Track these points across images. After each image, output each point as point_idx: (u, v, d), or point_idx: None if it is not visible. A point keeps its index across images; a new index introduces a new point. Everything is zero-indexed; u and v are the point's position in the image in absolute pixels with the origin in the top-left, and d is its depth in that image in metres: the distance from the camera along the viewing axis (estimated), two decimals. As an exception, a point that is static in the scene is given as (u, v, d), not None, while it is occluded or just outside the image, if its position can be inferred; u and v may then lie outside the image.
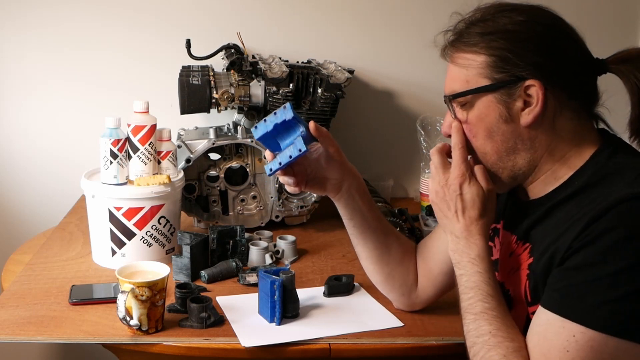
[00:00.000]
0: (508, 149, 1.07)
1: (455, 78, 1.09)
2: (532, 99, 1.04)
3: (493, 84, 1.05)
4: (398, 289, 1.37)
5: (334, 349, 1.29)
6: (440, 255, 1.34)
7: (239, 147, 1.86)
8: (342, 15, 2.14)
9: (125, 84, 2.10)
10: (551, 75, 1.03)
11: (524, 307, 1.07)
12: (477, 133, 1.08)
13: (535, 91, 1.03)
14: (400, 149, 2.22)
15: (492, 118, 1.06)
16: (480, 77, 1.06)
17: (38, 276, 1.53)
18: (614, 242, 0.92)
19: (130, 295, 1.26)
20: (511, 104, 1.05)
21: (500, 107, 1.05)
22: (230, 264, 1.56)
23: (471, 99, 1.07)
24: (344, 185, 1.29)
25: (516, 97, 1.04)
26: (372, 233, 1.34)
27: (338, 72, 1.85)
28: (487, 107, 1.06)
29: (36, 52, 2.08)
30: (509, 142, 1.07)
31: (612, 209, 0.94)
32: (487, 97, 1.06)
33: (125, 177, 1.58)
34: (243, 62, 1.83)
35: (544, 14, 1.09)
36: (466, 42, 1.07)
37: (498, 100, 1.05)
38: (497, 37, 1.04)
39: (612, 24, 2.19)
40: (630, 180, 0.98)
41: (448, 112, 1.13)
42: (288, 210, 1.87)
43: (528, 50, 1.03)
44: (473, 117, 1.08)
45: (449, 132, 1.12)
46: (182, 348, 1.28)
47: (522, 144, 1.07)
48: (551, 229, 1.04)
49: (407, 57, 2.15)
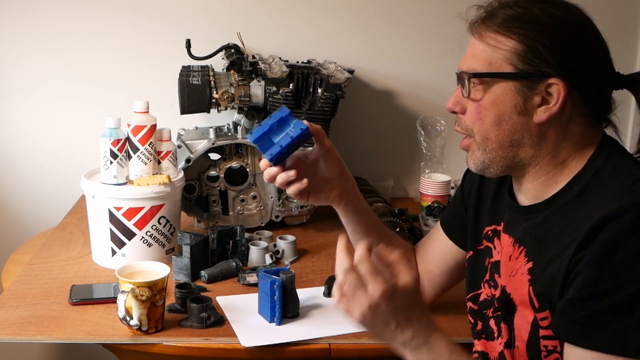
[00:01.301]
0: (513, 140, 1.05)
1: (479, 56, 1.05)
2: (552, 97, 1.02)
3: (517, 72, 1.02)
4: None
5: (334, 349, 1.29)
6: (439, 255, 1.34)
7: (239, 147, 1.86)
8: (342, 15, 2.14)
9: (125, 84, 2.11)
10: (575, 77, 1.02)
11: (530, 312, 1.06)
12: (486, 116, 1.06)
13: (557, 90, 1.01)
14: (400, 149, 2.23)
15: (506, 106, 1.04)
16: (506, 62, 1.03)
17: (38, 276, 1.53)
18: (623, 261, 0.91)
19: (130, 295, 1.26)
20: (530, 97, 1.03)
21: (518, 97, 1.03)
22: (230, 264, 1.56)
23: (490, 81, 1.04)
24: (347, 185, 1.28)
25: (537, 91, 1.02)
26: (377, 237, 1.32)
27: (338, 72, 1.85)
28: (504, 94, 1.04)
29: (36, 52, 2.08)
30: (516, 134, 1.05)
31: (615, 218, 0.92)
32: (507, 84, 1.03)
33: (125, 177, 1.58)
34: (243, 62, 1.83)
35: (580, 13, 1.06)
36: (501, 23, 1.03)
37: (517, 90, 1.03)
38: (533, 27, 1.01)
39: (612, 24, 2.19)
40: (628, 185, 0.97)
41: (458, 88, 1.09)
42: (288, 210, 1.87)
43: (559, 48, 1.01)
44: (487, 100, 1.05)
45: (456, 109, 1.10)
46: (182, 348, 1.28)
47: (530, 139, 1.05)
48: (552, 234, 1.03)
49: (407, 57, 2.15)
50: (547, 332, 1.03)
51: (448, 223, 1.34)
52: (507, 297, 1.12)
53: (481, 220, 1.23)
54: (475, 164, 1.11)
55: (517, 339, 1.10)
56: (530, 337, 1.06)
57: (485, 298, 1.21)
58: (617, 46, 1.13)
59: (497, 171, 1.10)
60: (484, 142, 1.07)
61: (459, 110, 1.10)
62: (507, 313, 1.13)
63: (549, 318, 1.02)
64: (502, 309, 1.15)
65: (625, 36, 2.20)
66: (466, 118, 1.09)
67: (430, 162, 2.06)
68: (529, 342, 1.06)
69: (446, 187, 1.98)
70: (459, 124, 1.11)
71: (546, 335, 1.03)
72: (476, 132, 1.08)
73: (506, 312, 1.13)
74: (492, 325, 1.18)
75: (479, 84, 1.05)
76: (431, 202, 1.96)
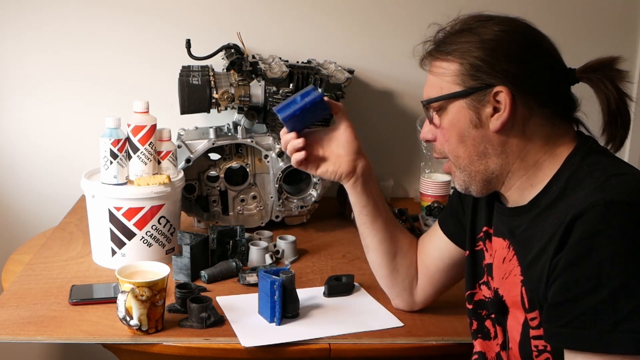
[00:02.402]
0: (479, 153, 1.09)
1: (432, 85, 1.12)
2: (501, 105, 1.05)
3: (463, 90, 1.07)
4: (401, 283, 1.37)
5: (334, 349, 1.29)
6: (437, 253, 1.34)
7: (239, 147, 1.86)
8: (342, 15, 2.14)
9: (125, 84, 2.11)
10: (521, 82, 1.05)
11: (521, 312, 1.07)
12: (450, 137, 1.11)
13: (504, 97, 1.05)
14: (400, 149, 2.23)
15: (463, 123, 1.09)
16: (453, 84, 1.08)
17: (38, 276, 1.53)
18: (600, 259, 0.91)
19: (130, 295, 1.26)
20: (481, 109, 1.07)
21: (470, 112, 1.07)
22: (230, 264, 1.56)
23: (444, 104, 1.10)
24: (359, 165, 1.30)
25: (485, 103, 1.06)
26: (383, 222, 1.34)
27: (338, 72, 1.85)
28: (459, 113, 1.09)
29: (36, 52, 2.08)
30: (480, 146, 1.09)
31: (583, 216, 0.93)
32: (459, 103, 1.08)
33: (125, 177, 1.58)
34: (243, 62, 1.83)
35: (519, 24, 1.10)
36: (442, 51, 1.10)
37: (469, 106, 1.07)
38: (471, 47, 1.06)
39: (612, 24, 2.19)
40: (601, 181, 0.97)
41: (426, 120, 1.16)
42: (288, 210, 1.87)
43: (499, 59, 1.05)
44: (446, 122, 1.10)
45: (428, 137, 1.16)
46: (182, 348, 1.28)
47: (493, 148, 1.08)
48: (535, 237, 1.03)
49: (407, 57, 2.14)
50: (537, 332, 1.03)
51: (446, 222, 1.34)
52: (499, 299, 1.13)
53: (478, 220, 1.24)
54: (459, 184, 1.15)
55: (511, 341, 1.11)
56: (521, 337, 1.07)
57: (480, 299, 1.22)
58: (617, 46, 1.13)
59: (477, 188, 1.13)
60: (457, 161, 1.13)
61: (431, 138, 1.15)
62: (500, 315, 1.13)
63: (537, 318, 1.03)
64: (495, 312, 1.15)
65: (625, 36, 2.20)
66: (437, 143, 1.15)
67: (430, 162, 2.06)
68: (521, 343, 1.07)
69: (446, 187, 1.98)
70: (434, 150, 1.17)
71: (536, 335, 1.04)
72: (448, 153, 1.13)
73: (499, 315, 1.14)
74: (488, 326, 1.19)
75: (437, 109, 1.12)
76: (431, 202, 1.96)
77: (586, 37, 2.17)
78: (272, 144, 1.82)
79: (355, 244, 1.78)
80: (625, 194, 0.94)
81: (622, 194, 0.94)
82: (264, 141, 1.83)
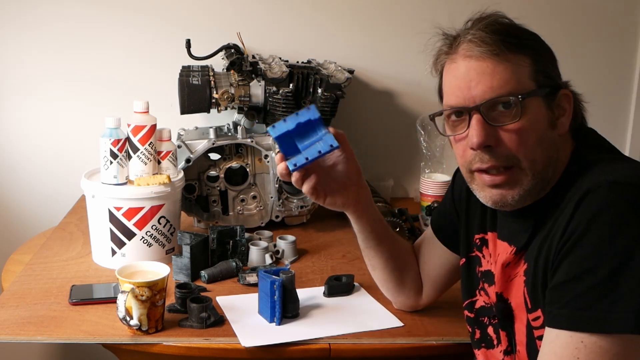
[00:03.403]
0: (551, 157, 1.02)
1: (503, 77, 0.99)
2: (564, 108, 1.03)
3: (544, 87, 1.01)
4: (407, 292, 1.37)
5: (334, 349, 1.29)
6: (435, 259, 1.34)
7: (239, 147, 1.86)
8: (342, 15, 2.14)
9: (125, 84, 2.11)
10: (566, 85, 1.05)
11: (525, 314, 1.05)
12: (528, 139, 1.00)
13: (568, 100, 1.03)
14: (400, 149, 2.23)
15: (542, 124, 1.01)
16: (530, 79, 1.00)
17: (38, 276, 1.53)
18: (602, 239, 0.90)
19: (130, 295, 1.26)
20: (552, 110, 1.02)
21: (548, 112, 1.02)
22: (230, 264, 1.56)
23: (525, 101, 0.99)
24: (362, 194, 1.26)
25: (555, 104, 1.02)
26: (387, 242, 1.32)
27: (338, 72, 1.85)
28: (539, 112, 1.00)
29: (36, 52, 2.08)
30: (552, 151, 1.03)
31: (588, 195, 0.92)
32: (538, 101, 1.01)
33: (125, 177, 1.58)
34: (243, 62, 1.83)
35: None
36: (510, 42, 0.99)
37: (546, 106, 1.01)
38: (531, 42, 1.02)
39: (612, 24, 2.19)
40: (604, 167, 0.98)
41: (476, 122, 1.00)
42: (288, 210, 1.87)
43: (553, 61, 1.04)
44: (526, 122, 0.99)
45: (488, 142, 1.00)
46: (182, 348, 1.28)
47: (557, 154, 1.03)
48: (543, 230, 1.02)
49: (407, 57, 2.15)
50: (540, 333, 1.03)
51: (440, 228, 1.33)
52: (505, 303, 1.11)
53: (471, 227, 1.22)
54: (520, 194, 1.03)
55: (518, 344, 1.10)
56: (527, 339, 1.06)
57: (482, 305, 1.20)
58: (617, 46, 1.13)
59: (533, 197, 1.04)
60: (533, 166, 1.01)
61: (493, 143, 1.01)
62: (506, 319, 1.12)
63: (540, 317, 1.02)
64: (500, 316, 1.14)
65: (625, 36, 2.20)
66: (504, 147, 1.01)
67: (430, 162, 2.06)
68: (527, 344, 1.06)
69: (446, 187, 1.98)
70: (494, 156, 1.01)
71: (540, 336, 1.03)
72: (522, 157, 1.01)
73: (505, 319, 1.13)
74: (490, 333, 1.18)
75: (514, 106, 0.99)
76: (431, 202, 1.96)
77: (586, 37, 2.17)
78: (272, 144, 1.82)
79: (355, 244, 1.76)
80: (629, 176, 0.93)
81: (626, 176, 0.93)
82: (264, 141, 1.83)
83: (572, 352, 0.91)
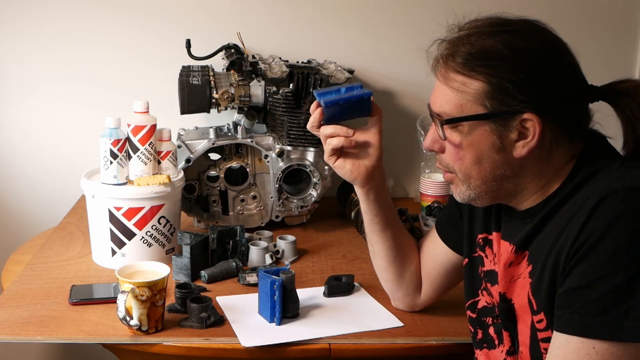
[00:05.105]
0: (495, 175, 1.05)
1: (448, 100, 1.03)
2: (529, 132, 1.00)
3: (489, 113, 1.00)
4: (405, 288, 1.37)
5: (334, 349, 1.29)
6: (437, 259, 1.33)
7: (239, 147, 1.86)
8: (342, 15, 2.14)
9: (125, 84, 2.10)
10: (549, 108, 1.00)
11: (529, 315, 1.05)
12: (465, 157, 1.05)
13: (532, 125, 0.99)
14: (400, 149, 2.22)
15: (484, 146, 1.03)
16: (476, 104, 1.00)
17: (38, 276, 1.53)
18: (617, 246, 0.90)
19: (130, 295, 1.26)
20: (505, 134, 1.01)
21: (494, 136, 1.01)
22: (230, 264, 1.56)
23: (464, 124, 1.03)
24: (376, 174, 1.27)
25: (511, 128, 1.00)
26: (392, 230, 1.33)
27: (338, 72, 1.85)
28: (480, 135, 1.02)
29: (36, 52, 2.08)
30: (498, 170, 1.04)
31: (604, 202, 0.92)
32: (482, 125, 1.02)
33: (125, 177, 1.58)
34: (243, 62, 1.83)
35: (543, 37, 1.03)
36: (463, 63, 1.01)
37: (492, 130, 1.01)
38: (497, 64, 0.99)
39: (612, 24, 2.19)
40: (620, 172, 0.97)
41: (433, 126, 1.08)
42: (288, 210, 1.87)
43: (527, 82, 0.98)
44: (464, 142, 1.04)
45: (434, 149, 1.09)
46: (182, 348, 1.28)
47: (512, 171, 1.04)
48: (549, 233, 1.02)
49: (407, 57, 2.15)
50: (544, 335, 1.03)
51: (443, 229, 1.33)
52: (508, 303, 1.11)
53: (474, 227, 1.23)
54: (461, 197, 1.10)
55: (521, 344, 1.10)
56: (531, 340, 1.06)
57: (484, 305, 1.20)
58: (617, 46, 1.13)
59: (484, 202, 1.10)
60: (467, 180, 1.07)
61: (438, 150, 1.09)
62: (509, 320, 1.12)
63: (544, 320, 1.02)
64: (503, 317, 1.14)
65: (625, 36, 2.20)
66: (446, 157, 1.08)
67: (430, 162, 2.06)
68: (531, 346, 1.06)
69: (446, 187, 1.98)
70: (440, 161, 1.11)
71: (544, 338, 1.03)
72: (457, 170, 1.07)
73: (508, 319, 1.13)
74: (491, 334, 1.18)
75: (454, 127, 1.04)
76: (431, 202, 1.96)
77: (586, 37, 2.17)
78: (272, 144, 1.82)
79: (355, 244, 1.78)
80: None
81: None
82: (264, 141, 1.83)
83: (583, 357, 0.92)
